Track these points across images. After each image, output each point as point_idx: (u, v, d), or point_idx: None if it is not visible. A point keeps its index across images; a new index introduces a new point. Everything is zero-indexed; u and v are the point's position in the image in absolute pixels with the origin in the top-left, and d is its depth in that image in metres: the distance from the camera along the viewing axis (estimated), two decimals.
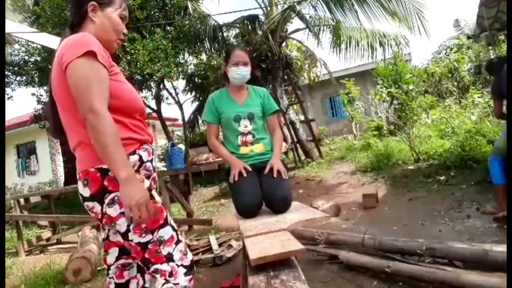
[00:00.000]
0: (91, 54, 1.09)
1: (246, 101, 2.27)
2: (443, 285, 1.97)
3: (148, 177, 1.24)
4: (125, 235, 1.18)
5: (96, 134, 1.06)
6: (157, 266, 1.19)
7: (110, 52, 1.23)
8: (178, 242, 1.25)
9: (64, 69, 1.09)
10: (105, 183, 1.15)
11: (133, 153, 1.21)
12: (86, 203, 1.20)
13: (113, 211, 1.15)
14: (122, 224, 1.16)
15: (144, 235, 1.17)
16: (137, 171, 1.20)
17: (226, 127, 2.25)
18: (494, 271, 1.92)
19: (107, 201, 1.15)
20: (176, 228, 1.28)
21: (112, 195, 1.15)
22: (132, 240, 1.17)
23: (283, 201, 1.97)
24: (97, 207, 1.17)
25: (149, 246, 1.18)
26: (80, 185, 1.20)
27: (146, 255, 1.19)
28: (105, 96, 1.11)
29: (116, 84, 1.19)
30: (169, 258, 1.21)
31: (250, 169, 2.09)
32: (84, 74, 1.08)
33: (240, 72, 2.20)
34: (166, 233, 1.22)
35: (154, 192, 1.24)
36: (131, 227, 1.16)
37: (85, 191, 1.18)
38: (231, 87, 2.31)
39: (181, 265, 1.23)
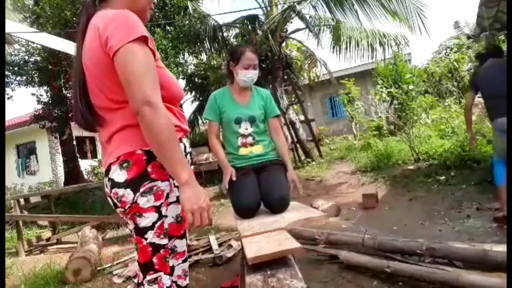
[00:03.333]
0: (142, 39, 1.00)
1: (248, 102, 2.25)
2: (443, 285, 1.97)
3: None
4: (142, 231, 1.06)
5: (154, 129, 0.97)
6: (161, 274, 1.09)
7: (144, 23, 1.11)
8: (185, 260, 1.18)
9: (112, 55, 0.99)
10: (149, 169, 1.05)
11: (180, 141, 1.12)
12: (115, 190, 1.05)
13: (145, 202, 1.04)
14: (148, 218, 1.05)
15: (162, 236, 1.07)
16: None
17: (227, 128, 2.24)
18: (494, 271, 1.92)
19: (142, 189, 1.04)
20: (188, 245, 1.21)
21: (152, 184, 1.05)
22: (146, 239, 1.06)
23: (281, 202, 1.98)
24: (128, 196, 1.04)
25: (161, 250, 1.08)
26: (115, 168, 1.05)
27: (154, 259, 1.08)
28: (158, 87, 1.01)
29: (161, 72, 1.09)
30: (171, 271, 1.12)
31: (235, 178, 2.08)
32: (138, 63, 0.98)
33: (250, 75, 2.18)
34: (181, 245, 1.15)
35: None
36: (157, 225, 1.06)
37: (120, 175, 1.04)
38: (235, 88, 2.29)
39: (175, 283, 1.14)
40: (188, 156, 1.19)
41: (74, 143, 10.00)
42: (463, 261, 2.14)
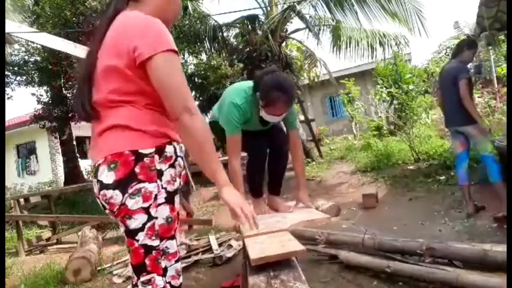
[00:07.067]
0: (173, 50, 1.06)
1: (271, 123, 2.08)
2: (443, 285, 1.98)
3: (179, 175, 1.18)
4: (133, 233, 1.06)
5: (194, 133, 1.06)
6: (154, 275, 1.09)
7: None
8: (178, 260, 1.17)
9: (140, 61, 1.02)
10: (137, 169, 1.04)
11: (170, 143, 1.12)
12: (103, 191, 1.06)
13: (133, 203, 1.04)
14: (138, 220, 1.05)
15: (153, 238, 1.08)
16: (172, 165, 1.12)
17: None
18: (494, 271, 1.92)
19: (130, 190, 1.03)
20: (179, 244, 1.20)
21: (139, 185, 1.04)
22: (138, 241, 1.07)
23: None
24: (117, 197, 1.04)
25: (153, 252, 1.08)
26: (103, 169, 1.05)
27: (146, 261, 1.08)
28: (191, 94, 1.10)
29: None
30: (164, 272, 1.12)
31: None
32: (176, 72, 1.05)
33: (275, 120, 1.96)
34: (172, 246, 1.14)
35: (177, 198, 1.15)
36: (147, 226, 1.06)
37: (108, 176, 1.04)
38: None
39: (169, 283, 1.14)
40: (179, 160, 1.19)
41: (74, 143, 9.99)
42: (463, 261, 2.14)
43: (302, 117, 9.05)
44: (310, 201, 2.12)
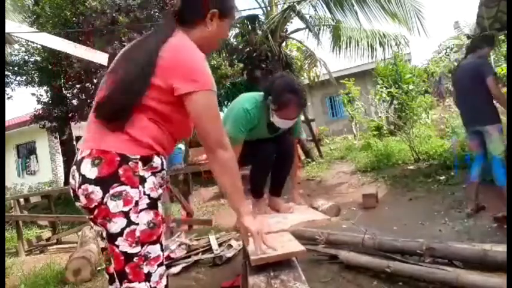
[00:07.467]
0: (213, 90, 1.14)
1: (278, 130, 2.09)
2: (443, 285, 1.98)
3: (161, 186, 1.18)
4: (113, 237, 1.06)
5: (228, 166, 1.18)
6: (135, 285, 1.07)
7: None
8: (161, 264, 1.15)
9: (178, 94, 1.09)
10: (120, 171, 1.05)
11: (158, 155, 1.14)
12: (85, 185, 1.05)
13: (114, 206, 1.04)
14: (117, 223, 1.04)
15: (134, 245, 1.06)
16: (155, 174, 1.13)
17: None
18: (494, 271, 1.92)
19: (112, 191, 1.04)
20: (164, 248, 1.18)
21: (121, 188, 1.04)
22: (118, 246, 1.05)
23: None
24: (97, 193, 1.04)
25: (134, 259, 1.06)
26: (86, 162, 1.06)
27: (126, 269, 1.06)
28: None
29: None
30: (147, 277, 1.10)
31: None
32: (213, 110, 1.15)
33: (287, 125, 1.97)
34: (154, 250, 1.12)
35: (160, 204, 1.16)
36: (125, 232, 1.05)
37: (91, 171, 1.05)
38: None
39: None
40: (163, 172, 1.19)
41: (74, 143, 9.99)
42: (463, 261, 2.14)
43: (302, 117, 9.04)
44: (301, 199, 2.29)
